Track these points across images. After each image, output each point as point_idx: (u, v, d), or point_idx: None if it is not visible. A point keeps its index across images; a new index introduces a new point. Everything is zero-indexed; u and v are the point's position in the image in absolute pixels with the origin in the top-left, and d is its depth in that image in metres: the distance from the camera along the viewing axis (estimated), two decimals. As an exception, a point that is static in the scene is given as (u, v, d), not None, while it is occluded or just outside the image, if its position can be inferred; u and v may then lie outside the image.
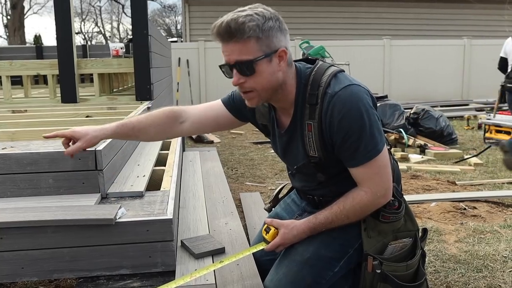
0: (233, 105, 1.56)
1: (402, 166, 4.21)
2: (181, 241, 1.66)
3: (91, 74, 4.50)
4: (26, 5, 22.30)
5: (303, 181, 1.55)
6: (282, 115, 1.46)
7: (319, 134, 1.35)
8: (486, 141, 5.56)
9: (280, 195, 1.80)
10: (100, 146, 1.74)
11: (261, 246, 1.49)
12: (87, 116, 3.09)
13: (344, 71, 1.40)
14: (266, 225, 1.49)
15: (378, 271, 1.39)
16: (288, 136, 1.45)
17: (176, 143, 2.92)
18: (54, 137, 1.53)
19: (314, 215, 1.43)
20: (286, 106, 1.41)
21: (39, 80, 6.75)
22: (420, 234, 1.56)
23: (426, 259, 2.28)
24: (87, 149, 1.57)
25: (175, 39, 16.39)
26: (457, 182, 3.76)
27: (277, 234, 1.44)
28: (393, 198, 1.43)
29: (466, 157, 4.67)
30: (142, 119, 1.54)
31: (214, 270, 1.46)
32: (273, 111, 1.49)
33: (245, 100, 1.39)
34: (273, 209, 1.77)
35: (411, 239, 1.50)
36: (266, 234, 1.47)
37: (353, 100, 1.31)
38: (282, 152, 1.52)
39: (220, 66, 1.34)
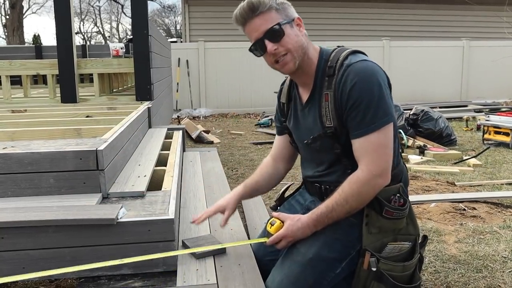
0: (279, 128, 1.71)
1: (401, 167, 4.20)
2: (182, 241, 1.66)
3: (91, 74, 4.50)
4: (25, 4, 22.28)
5: (314, 165, 1.57)
6: (303, 91, 1.54)
7: (335, 103, 1.41)
8: (485, 142, 5.56)
9: (285, 195, 1.80)
10: (101, 146, 1.74)
11: (262, 240, 1.50)
12: (87, 116, 3.09)
13: (365, 54, 1.47)
14: (272, 218, 1.50)
15: (374, 269, 1.38)
16: (308, 109, 1.51)
17: (176, 143, 2.92)
18: (205, 219, 1.70)
19: (316, 208, 1.45)
20: (307, 81, 1.49)
21: (38, 80, 6.75)
22: (420, 239, 1.56)
23: (426, 260, 2.28)
24: (88, 149, 1.65)
25: (174, 39, 16.39)
26: (456, 183, 3.77)
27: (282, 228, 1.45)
28: (399, 194, 1.44)
29: (465, 158, 4.68)
30: (255, 175, 1.74)
31: (215, 270, 1.46)
32: (295, 88, 1.57)
33: (282, 69, 1.45)
34: (278, 208, 1.77)
35: (410, 243, 1.49)
36: (270, 227, 1.47)
37: (367, 72, 1.37)
38: (300, 125, 1.56)
39: (251, 49, 1.45)
